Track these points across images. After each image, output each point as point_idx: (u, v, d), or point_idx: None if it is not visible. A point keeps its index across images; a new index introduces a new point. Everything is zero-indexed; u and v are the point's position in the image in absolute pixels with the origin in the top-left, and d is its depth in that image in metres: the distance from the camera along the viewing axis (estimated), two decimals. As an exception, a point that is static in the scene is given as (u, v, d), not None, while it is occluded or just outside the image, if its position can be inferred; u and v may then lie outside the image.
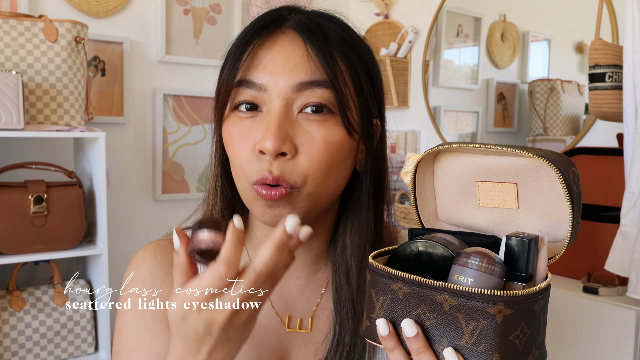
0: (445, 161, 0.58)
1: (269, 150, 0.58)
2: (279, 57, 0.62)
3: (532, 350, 0.48)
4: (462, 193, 0.57)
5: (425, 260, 0.52)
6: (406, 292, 0.50)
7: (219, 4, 2.28)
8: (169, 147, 2.21)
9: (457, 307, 0.47)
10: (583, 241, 1.44)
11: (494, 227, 0.56)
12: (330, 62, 0.61)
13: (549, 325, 1.40)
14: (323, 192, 0.63)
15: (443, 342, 0.48)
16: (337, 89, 0.61)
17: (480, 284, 0.47)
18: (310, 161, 0.60)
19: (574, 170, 0.50)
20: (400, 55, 2.34)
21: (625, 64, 1.25)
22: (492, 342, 0.46)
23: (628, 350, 1.25)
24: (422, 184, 0.60)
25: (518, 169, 0.52)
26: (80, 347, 1.71)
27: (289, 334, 0.71)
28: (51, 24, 1.66)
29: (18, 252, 1.59)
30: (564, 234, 0.52)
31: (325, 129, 0.61)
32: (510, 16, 2.11)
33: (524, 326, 0.47)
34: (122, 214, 2.10)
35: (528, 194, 0.53)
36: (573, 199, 0.49)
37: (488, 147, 0.51)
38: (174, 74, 2.21)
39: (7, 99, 1.50)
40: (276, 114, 0.60)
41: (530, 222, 0.54)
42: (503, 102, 2.14)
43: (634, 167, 1.21)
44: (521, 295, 0.46)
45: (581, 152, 1.72)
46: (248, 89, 0.62)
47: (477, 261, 0.47)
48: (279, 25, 0.64)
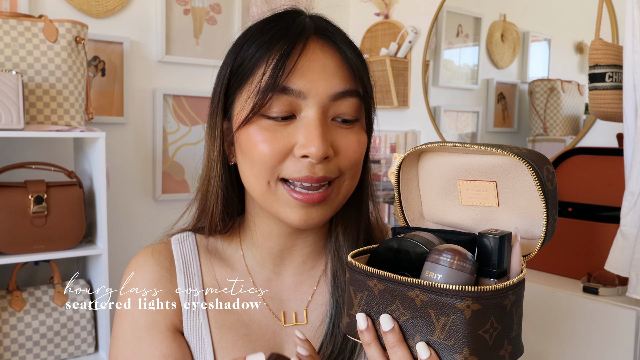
0: (428, 160, 0.59)
1: (316, 156, 0.61)
2: (315, 65, 0.64)
3: (504, 344, 0.49)
4: (445, 192, 0.59)
5: (404, 258, 0.54)
6: (381, 288, 0.51)
7: (219, 4, 2.28)
8: (169, 147, 2.21)
9: (427, 303, 0.48)
10: (583, 241, 1.44)
11: (476, 225, 0.57)
12: (362, 72, 0.66)
13: (549, 326, 1.41)
14: (354, 185, 0.68)
15: (416, 337, 0.50)
16: (366, 98, 0.67)
17: (451, 280, 0.48)
18: (349, 160, 0.65)
19: (548, 167, 0.51)
20: (400, 55, 2.34)
21: (625, 64, 1.25)
22: (462, 336, 0.47)
23: (628, 350, 1.25)
24: (407, 183, 0.61)
25: (496, 167, 0.53)
26: (80, 347, 1.71)
27: (284, 329, 0.72)
28: (51, 24, 1.66)
29: (18, 252, 1.59)
30: (541, 231, 0.53)
31: (356, 133, 0.67)
32: (510, 16, 2.11)
33: (493, 321, 0.47)
34: (122, 214, 2.10)
35: (507, 191, 0.54)
36: (547, 196, 0.50)
37: (467, 147, 0.53)
38: (174, 74, 2.21)
39: (7, 99, 1.50)
40: (317, 120, 0.63)
41: (510, 219, 0.55)
42: (503, 102, 2.14)
43: (634, 167, 1.21)
44: (489, 290, 0.47)
45: (581, 152, 1.72)
46: (285, 95, 0.63)
47: (448, 258, 0.49)
48: (306, 32, 0.65)
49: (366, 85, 0.67)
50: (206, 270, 0.74)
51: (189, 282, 0.73)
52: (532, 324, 1.42)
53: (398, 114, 2.39)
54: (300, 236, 0.73)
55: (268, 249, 0.73)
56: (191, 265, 0.74)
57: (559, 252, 1.50)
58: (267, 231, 0.72)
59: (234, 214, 0.75)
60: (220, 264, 0.75)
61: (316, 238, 0.74)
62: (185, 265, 0.74)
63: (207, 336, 0.70)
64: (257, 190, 0.66)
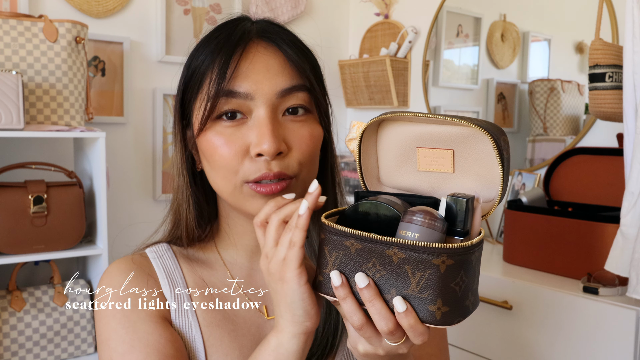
0: (388, 129, 0.63)
1: (269, 152, 0.64)
2: (259, 66, 0.67)
3: (469, 296, 0.54)
4: (403, 159, 0.63)
5: (373, 220, 0.58)
6: (358, 248, 0.55)
7: (219, 4, 2.28)
8: (169, 147, 2.21)
9: (405, 260, 0.52)
10: (583, 241, 1.44)
11: (432, 189, 0.63)
12: (307, 68, 0.70)
13: (549, 326, 1.41)
14: (311, 178, 0.70)
15: (392, 292, 0.53)
16: (314, 92, 0.70)
17: (425, 238, 0.52)
18: (302, 154, 0.68)
19: (504, 138, 0.57)
20: (400, 55, 2.34)
21: (625, 64, 1.25)
22: (436, 289, 0.52)
23: (628, 350, 1.25)
24: (367, 149, 0.65)
25: (455, 136, 0.58)
26: (80, 347, 1.71)
27: (268, 322, 0.75)
28: (51, 24, 1.66)
29: (18, 252, 1.59)
30: (494, 195, 0.59)
31: (309, 126, 0.69)
32: (510, 16, 2.11)
33: (462, 275, 0.52)
34: (122, 214, 2.10)
35: (463, 159, 0.59)
36: (504, 163, 0.56)
37: (429, 117, 0.57)
38: (174, 74, 2.19)
39: (7, 99, 1.50)
40: (267, 118, 0.66)
41: (464, 184, 0.60)
42: (503, 102, 2.14)
43: (634, 167, 1.21)
44: (461, 247, 0.51)
45: (581, 152, 1.72)
46: (232, 99, 0.66)
47: (421, 218, 0.53)
48: (249, 36, 0.69)
49: (312, 80, 0.70)
50: (187, 272, 0.76)
51: (173, 284, 0.74)
52: (532, 324, 1.42)
53: (398, 114, 2.39)
54: None
55: (244, 247, 0.76)
56: (171, 268, 0.76)
57: (559, 252, 1.50)
58: (241, 230, 0.75)
59: (210, 219, 0.78)
60: (200, 267, 0.77)
61: None
62: (165, 269, 0.75)
63: (198, 334, 0.71)
64: (225, 192, 0.69)
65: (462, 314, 0.54)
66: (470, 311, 0.55)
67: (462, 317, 0.54)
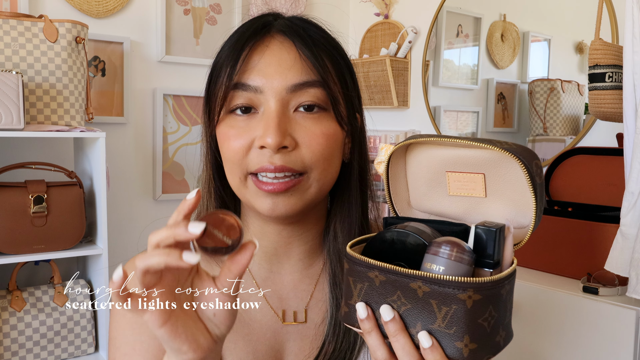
0: (416, 153, 0.61)
1: (271, 145, 0.63)
2: (272, 60, 0.66)
3: (500, 331, 0.52)
4: (433, 183, 0.61)
5: (399, 249, 0.55)
6: (382, 280, 0.53)
7: (219, 4, 2.28)
8: (169, 147, 2.21)
9: (430, 294, 0.50)
10: (583, 241, 1.44)
11: (464, 214, 0.60)
12: (322, 63, 0.67)
13: (549, 326, 1.41)
14: (327, 180, 0.68)
15: (417, 326, 0.51)
16: (329, 87, 0.67)
17: (451, 272, 0.50)
18: (312, 152, 0.65)
19: (537, 162, 0.54)
20: (400, 55, 2.34)
21: (625, 64, 1.25)
22: (463, 325, 0.49)
23: (628, 350, 1.25)
24: (395, 173, 0.63)
25: (485, 161, 0.56)
26: (80, 347, 1.71)
27: (284, 327, 0.73)
28: (51, 24, 1.66)
29: (18, 252, 1.59)
30: (528, 221, 0.56)
31: (322, 124, 0.67)
32: (510, 16, 2.11)
33: (491, 310, 0.50)
34: (122, 214, 2.10)
35: (495, 183, 0.57)
36: (536, 189, 0.53)
37: (457, 141, 0.55)
38: (174, 74, 2.21)
39: (7, 99, 1.50)
40: (274, 111, 0.65)
41: (497, 209, 0.57)
42: (503, 102, 2.14)
43: (634, 167, 1.21)
44: (489, 281, 0.49)
45: (581, 152, 1.72)
46: (244, 92, 0.66)
47: (447, 250, 0.50)
48: (268, 30, 0.68)
49: (331, 77, 0.68)
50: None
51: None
52: (532, 324, 1.42)
53: (398, 114, 2.39)
54: (293, 235, 0.73)
55: (263, 249, 0.75)
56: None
57: (559, 252, 1.50)
58: (259, 230, 0.74)
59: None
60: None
61: (311, 236, 0.75)
62: None
63: None
64: (234, 185, 0.69)
65: (492, 350, 0.51)
66: (501, 347, 0.52)
67: (492, 354, 0.51)
